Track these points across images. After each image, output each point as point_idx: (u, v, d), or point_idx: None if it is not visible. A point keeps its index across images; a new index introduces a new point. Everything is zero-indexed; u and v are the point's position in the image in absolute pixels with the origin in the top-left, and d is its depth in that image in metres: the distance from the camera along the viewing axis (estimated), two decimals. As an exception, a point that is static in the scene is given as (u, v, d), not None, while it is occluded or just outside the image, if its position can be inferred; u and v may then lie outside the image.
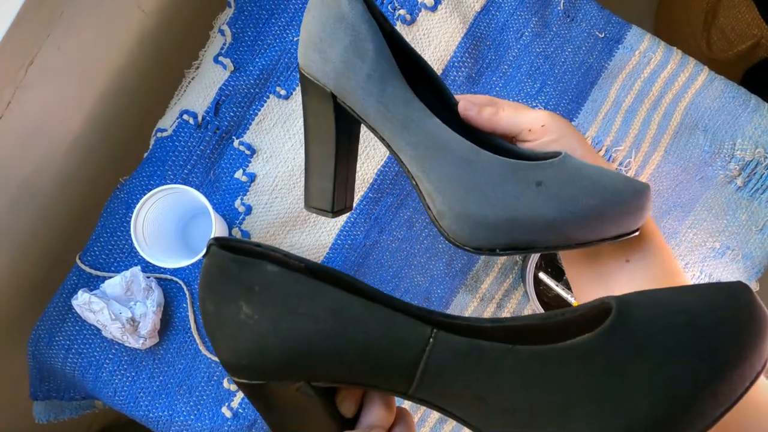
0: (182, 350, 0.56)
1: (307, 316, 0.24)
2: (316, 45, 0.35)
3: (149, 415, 0.55)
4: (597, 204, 0.32)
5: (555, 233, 0.32)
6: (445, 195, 0.34)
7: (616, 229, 0.33)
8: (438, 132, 0.34)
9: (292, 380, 0.25)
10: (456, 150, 0.34)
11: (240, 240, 0.27)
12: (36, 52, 0.44)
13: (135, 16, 0.55)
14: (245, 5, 0.57)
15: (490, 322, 0.26)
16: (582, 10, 0.58)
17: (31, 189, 0.53)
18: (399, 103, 0.35)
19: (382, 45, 0.35)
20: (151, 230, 0.50)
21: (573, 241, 0.32)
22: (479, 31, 0.58)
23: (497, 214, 0.33)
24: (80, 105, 0.54)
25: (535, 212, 0.32)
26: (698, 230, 0.58)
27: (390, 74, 0.35)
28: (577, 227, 0.32)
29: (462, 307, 0.58)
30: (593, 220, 0.32)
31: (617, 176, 0.33)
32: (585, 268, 0.37)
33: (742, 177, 0.58)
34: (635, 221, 0.33)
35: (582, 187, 0.32)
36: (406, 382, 0.24)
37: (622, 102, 0.58)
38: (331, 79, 0.36)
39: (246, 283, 0.24)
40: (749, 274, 0.58)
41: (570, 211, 0.32)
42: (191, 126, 0.56)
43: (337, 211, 0.41)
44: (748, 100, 0.58)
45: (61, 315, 0.55)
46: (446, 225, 0.34)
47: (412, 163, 0.35)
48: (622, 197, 0.32)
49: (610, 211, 0.32)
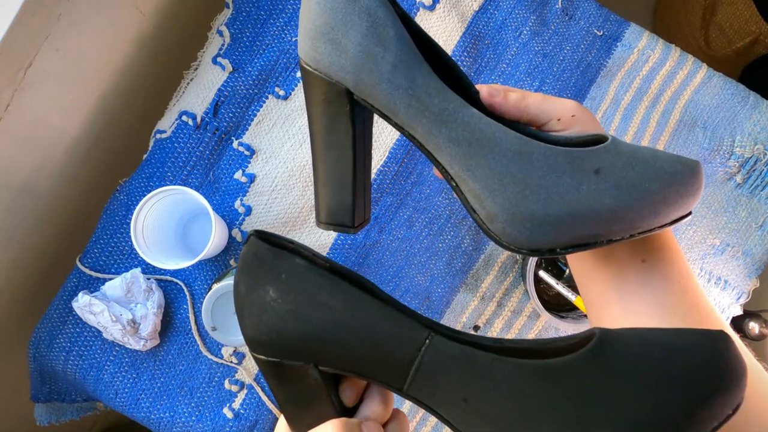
0: (183, 351, 0.56)
1: (324, 306, 0.27)
2: (327, 34, 0.30)
3: (150, 417, 0.55)
4: (660, 188, 0.29)
5: (620, 223, 0.30)
6: (497, 194, 0.30)
7: (677, 212, 0.30)
8: (481, 124, 0.31)
9: (302, 362, 0.28)
10: (504, 142, 0.30)
11: (276, 235, 0.29)
12: (34, 54, 0.44)
13: (133, 17, 0.55)
14: (243, 6, 0.57)
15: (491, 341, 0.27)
16: (580, 8, 0.58)
17: (31, 191, 0.53)
18: (433, 94, 0.30)
19: (402, 30, 0.30)
20: (151, 232, 0.50)
21: (638, 230, 0.30)
22: (478, 29, 0.58)
23: (559, 209, 0.30)
24: (79, 107, 0.54)
25: (597, 203, 0.29)
26: (698, 227, 0.58)
27: (417, 62, 0.30)
28: (642, 214, 0.30)
29: (462, 306, 0.58)
30: (658, 205, 0.30)
31: (671, 156, 0.31)
32: (600, 268, 0.36)
33: (742, 174, 0.58)
34: (693, 201, 0.31)
35: (641, 171, 0.30)
36: (401, 377, 0.27)
37: (620, 100, 0.58)
38: (348, 73, 0.31)
39: (276, 271, 0.28)
40: (749, 271, 0.58)
41: (635, 198, 0.29)
42: (190, 127, 0.56)
43: (358, 226, 0.36)
44: (747, 96, 0.58)
45: (61, 317, 0.55)
46: (499, 228, 0.31)
47: (454, 162, 0.31)
48: (682, 178, 0.30)
49: (673, 194, 0.30)
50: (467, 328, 0.58)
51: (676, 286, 0.34)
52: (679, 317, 0.33)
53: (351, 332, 0.27)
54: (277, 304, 0.27)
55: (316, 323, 0.27)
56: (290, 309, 0.27)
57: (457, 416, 0.26)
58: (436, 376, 0.26)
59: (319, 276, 0.27)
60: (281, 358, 0.28)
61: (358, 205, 0.36)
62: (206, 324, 0.52)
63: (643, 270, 0.34)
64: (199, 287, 0.56)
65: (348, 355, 0.27)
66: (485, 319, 0.58)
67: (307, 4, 0.31)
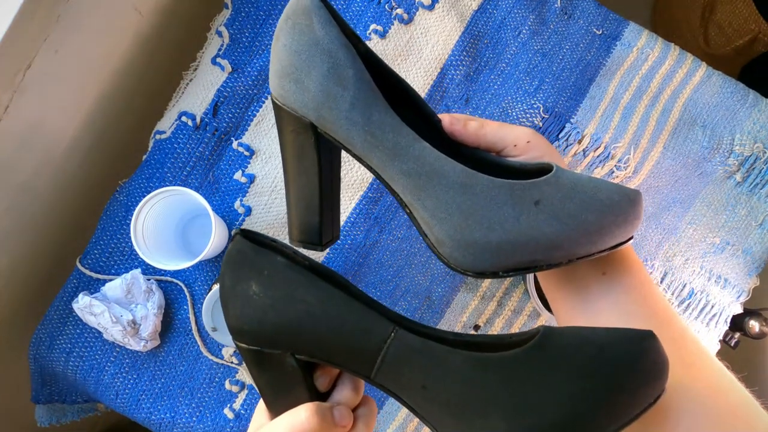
0: (184, 352, 0.56)
1: (301, 301, 0.30)
2: (291, 75, 0.33)
3: (151, 418, 0.55)
4: (596, 218, 0.32)
5: (558, 251, 0.32)
6: (444, 222, 0.33)
7: (615, 240, 0.33)
8: (430, 157, 0.33)
9: (281, 350, 0.31)
10: (450, 175, 0.33)
11: (260, 234, 0.32)
12: (34, 55, 0.44)
13: (132, 18, 0.55)
14: (242, 6, 0.57)
15: (453, 335, 0.30)
16: (579, 7, 0.58)
17: (30, 192, 0.53)
18: (387, 130, 0.33)
19: (362, 70, 0.33)
20: (150, 232, 0.50)
21: (576, 255, 0.32)
22: (477, 29, 0.58)
23: (500, 237, 0.32)
24: (78, 108, 0.54)
25: (536, 232, 0.32)
26: (698, 226, 0.58)
27: (373, 100, 0.33)
28: (579, 242, 0.32)
29: (463, 306, 0.58)
30: (594, 235, 0.32)
31: (611, 187, 0.33)
32: (564, 283, 0.38)
33: (741, 172, 0.58)
34: (631, 229, 0.33)
35: (580, 201, 0.32)
36: (369, 366, 0.30)
37: (620, 98, 0.58)
38: (311, 110, 0.34)
39: (258, 267, 0.30)
40: (749, 269, 0.58)
41: (571, 227, 0.32)
42: (190, 128, 0.56)
43: (326, 243, 0.39)
44: (747, 95, 0.58)
45: (61, 318, 0.55)
46: (446, 252, 0.34)
47: (406, 192, 0.34)
48: (619, 209, 0.32)
49: (609, 224, 0.32)
50: (468, 327, 0.58)
51: (635, 294, 0.36)
52: (640, 324, 0.34)
53: (324, 324, 0.30)
54: (258, 297, 0.30)
55: (292, 315, 0.30)
56: (270, 302, 0.30)
57: (417, 402, 0.29)
58: (399, 366, 0.29)
59: (297, 273, 0.30)
60: (261, 347, 0.31)
61: (325, 225, 0.39)
62: (206, 324, 0.52)
63: (604, 282, 0.36)
64: (200, 288, 0.56)
65: (321, 345, 0.30)
66: (485, 319, 0.58)
67: (275, 45, 0.34)
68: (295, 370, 0.31)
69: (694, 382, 0.32)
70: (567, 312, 0.39)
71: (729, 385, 0.33)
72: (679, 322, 0.36)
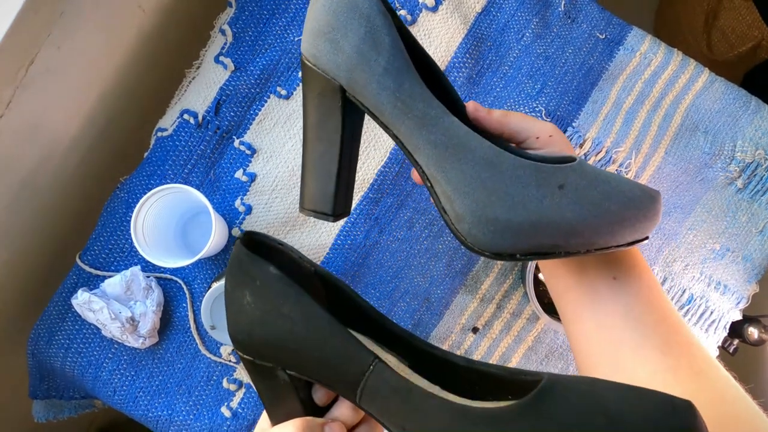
0: (182, 350, 0.56)
1: (287, 317, 0.29)
2: (327, 34, 0.33)
3: (148, 415, 0.55)
4: (618, 209, 0.32)
5: (578, 237, 0.32)
6: (466, 197, 0.32)
7: (633, 235, 0.33)
8: (459, 131, 0.33)
9: (271, 363, 0.30)
10: (478, 150, 0.33)
11: (267, 237, 0.31)
12: (36, 51, 0.44)
13: (135, 15, 0.55)
14: (246, 5, 0.57)
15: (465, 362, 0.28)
16: (583, 11, 0.58)
17: (31, 188, 0.53)
18: (418, 99, 0.33)
19: (397, 39, 0.33)
20: (151, 230, 0.50)
21: (594, 246, 0.32)
22: (480, 31, 0.58)
23: (522, 217, 0.31)
24: (80, 104, 0.54)
25: (558, 216, 0.31)
26: (698, 232, 0.58)
27: (406, 69, 0.33)
28: (600, 232, 0.32)
29: (462, 308, 0.58)
30: (615, 225, 0.32)
31: (632, 183, 0.33)
32: (573, 286, 0.38)
33: (743, 179, 0.58)
34: (650, 227, 0.33)
35: (603, 191, 0.32)
36: (353, 391, 0.28)
37: (622, 103, 0.58)
38: (343, 71, 0.33)
39: (252, 276, 0.29)
40: (749, 276, 0.58)
41: (593, 215, 0.31)
42: (192, 126, 0.56)
43: (338, 215, 0.39)
44: (749, 101, 0.58)
45: (60, 314, 0.55)
46: (465, 229, 0.33)
47: (430, 164, 0.33)
48: (641, 203, 0.32)
49: (630, 217, 0.32)
50: (466, 329, 0.58)
51: (645, 300, 0.36)
52: (649, 329, 0.34)
53: (307, 345, 0.29)
54: (250, 308, 0.30)
55: (278, 332, 0.29)
56: (259, 315, 0.29)
57: None
58: (378, 399, 0.28)
59: (287, 286, 0.29)
60: (253, 358, 0.30)
61: (339, 197, 0.38)
62: (205, 323, 0.52)
63: (614, 286, 0.36)
64: (199, 286, 0.56)
65: (305, 364, 0.29)
66: (484, 321, 0.58)
67: (314, 4, 0.34)
68: (287, 384, 0.31)
69: (702, 392, 0.32)
70: (575, 315, 0.38)
71: (735, 394, 0.33)
72: (687, 329, 0.36)
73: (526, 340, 0.58)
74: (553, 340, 0.59)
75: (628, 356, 0.34)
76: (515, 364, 0.58)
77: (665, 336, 0.32)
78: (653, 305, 0.36)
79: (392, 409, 0.27)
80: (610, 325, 0.35)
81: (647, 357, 0.34)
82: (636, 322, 0.35)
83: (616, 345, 0.35)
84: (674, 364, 0.33)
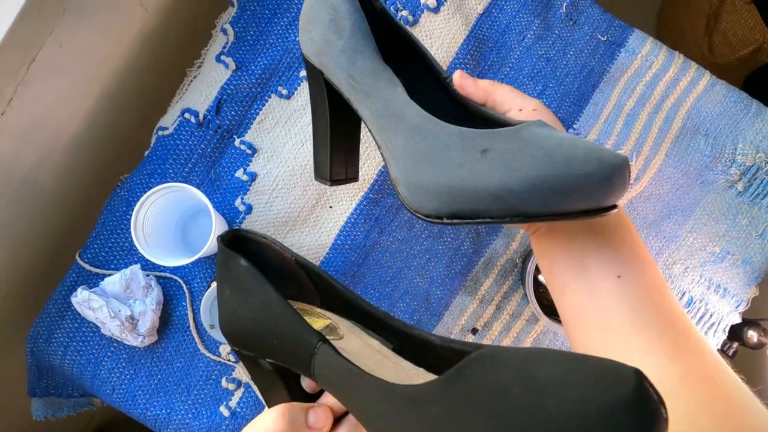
0: (181, 349, 0.56)
1: (250, 307, 0.31)
2: (305, 27, 0.39)
3: (147, 414, 0.55)
4: (545, 175, 0.29)
5: (499, 203, 0.31)
6: (398, 163, 0.35)
7: (579, 204, 0.30)
8: (394, 100, 0.35)
9: (251, 352, 0.31)
10: (409, 118, 0.34)
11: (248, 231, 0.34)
12: (38, 49, 0.44)
13: (137, 14, 0.55)
14: (248, 5, 0.57)
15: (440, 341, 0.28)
16: (584, 13, 0.58)
17: (32, 186, 0.53)
18: (366, 74, 0.36)
19: (359, 21, 0.37)
20: (151, 228, 0.50)
21: (524, 213, 0.31)
22: (481, 33, 0.58)
23: (443, 182, 0.32)
24: (82, 102, 0.54)
25: (477, 181, 0.31)
26: (698, 234, 0.58)
27: (363, 48, 0.36)
28: (525, 200, 0.30)
29: (461, 309, 0.58)
30: (545, 192, 0.30)
31: (579, 146, 0.30)
32: (573, 282, 0.36)
33: (743, 182, 0.58)
34: (603, 196, 0.30)
35: (531, 156, 0.30)
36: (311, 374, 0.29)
37: (623, 105, 0.58)
38: (314, 56, 0.39)
39: (229, 270, 0.32)
40: (749, 279, 0.58)
41: (513, 180, 0.30)
42: (192, 125, 0.56)
43: (336, 181, 0.44)
44: (750, 105, 0.58)
45: (60, 312, 0.55)
46: (401, 192, 0.35)
47: (375, 132, 0.36)
48: (580, 168, 0.29)
49: (565, 183, 0.29)
50: (465, 330, 0.58)
51: (651, 301, 0.34)
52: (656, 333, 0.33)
53: (267, 331, 0.30)
54: (230, 301, 0.32)
55: (246, 322, 0.31)
56: (234, 307, 0.31)
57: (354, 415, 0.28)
58: (327, 380, 0.29)
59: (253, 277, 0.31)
60: (239, 348, 0.32)
61: (336, 164, 0.44)
62: (204, 322, 0.52)
63: (619, 285, 0.34)
64: (198, 285, 0.56)
65: (271, 350, 0.31)
66: (484, 322, 0.58)
67: (304, 4, 0.40)
68: (271, 372, 0.31)
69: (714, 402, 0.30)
70: (574, 317, 0.36)
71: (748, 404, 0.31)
72: (695, 331, 0.34)
73: (525, 341, 0.58)
74: (552, 342, 0.59)
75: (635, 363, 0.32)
76: (514, 365, 0.58)
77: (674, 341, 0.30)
78: (661, 306, 0.34)
79: (338, 389, 0.28)
80: (614, 328, 0.34)
81: (655, 364, 0.32)
82: (643, 325, 0.33)
83: (621, 350, 0.33)
84: (683, 372, 0.31)
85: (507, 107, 0.38)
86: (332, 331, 0.34)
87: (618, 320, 0.34)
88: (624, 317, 0.33)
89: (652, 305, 0.34)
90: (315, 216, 0.57)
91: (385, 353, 0.32)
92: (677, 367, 0.31)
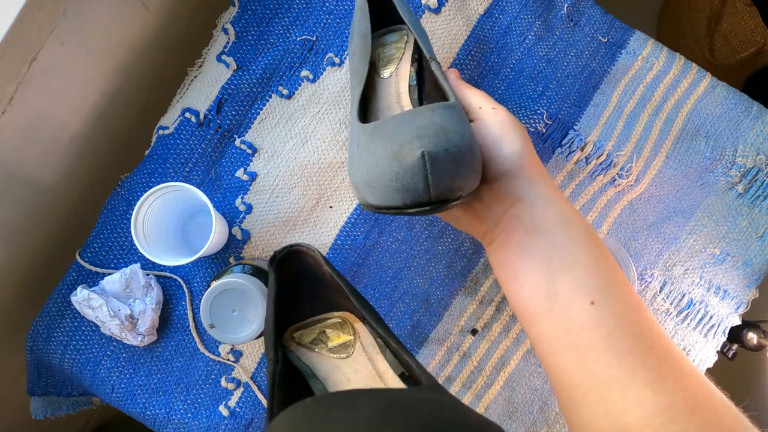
0: (180, 348, 0.56)
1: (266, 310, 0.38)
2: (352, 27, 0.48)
3: (146, 413, 0.55)
4: (388, 167, 0.31)
5: (368, 191, 0.33)
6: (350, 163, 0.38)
7: (404, 198, 0.32)
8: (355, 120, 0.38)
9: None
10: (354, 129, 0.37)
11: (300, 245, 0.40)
12: (39, 48, 0.44)
13: (139, 13, 0.55)
14: (249, 4, 0.57)
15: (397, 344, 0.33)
16: (585, 14, 0.58)
17: (32, 185, 0.53)
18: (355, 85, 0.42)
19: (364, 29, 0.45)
20: (151, 228, 0.50)
21: (391, 204, 0.32)
22: (482, 33, 0.58)
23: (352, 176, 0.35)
24: (82, 101, 0.54)
25: (352, 173, 0.35)
26: (698, 236, 0.58)
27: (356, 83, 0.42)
28: (373, 192, 0.33)
29: (461, 309, 0.58)
30: (386, 187, 0.31)
31: (403, 138, 0.31)
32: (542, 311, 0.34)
33: (743, 184, 0.58)
34: (452, 182, 0.31)
35: (374, 146, 0.32)
36: None
37: (624, 107, 0.58)
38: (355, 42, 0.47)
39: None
40: (749, 281, 0.58)
41: (369, 171, 0.33)
42: (193, 124, 0.56)
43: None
44: (750, 107, 0.58)
45: (59, 311, 0.55)
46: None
47: None
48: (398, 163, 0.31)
49: (391, 179, 0.31)
50: (465, 331, 0.58)
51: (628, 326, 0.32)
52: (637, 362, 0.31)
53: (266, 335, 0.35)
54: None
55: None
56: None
57: None
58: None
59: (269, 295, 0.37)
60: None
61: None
62: (204, 321, 0.52)
63: (593, 312, 0.32)
64: (198, 284, 0.56)
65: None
66: (483, 323, 0.58)
67: None
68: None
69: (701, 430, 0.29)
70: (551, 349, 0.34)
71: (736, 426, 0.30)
72: (678, 353, 0.32)
73: (525, 342, 0.58)
74: (552, 343, 0.59)
75: (616, 398, 0.31)
76: (514, 366, 0.58)
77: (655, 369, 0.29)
78: (639, 330, 0.32)
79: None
80: (592, 360, 0.32)
81: (638, 398, 0.30)
82: (621, 355, 0.31)
83: (600, 384, 0.31)
84: (668, 403, 0.30)
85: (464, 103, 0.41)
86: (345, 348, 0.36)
87: (595, 352, 0.32)
88: (601, 348, 0.32)
89: (630, 331, 0.32)
90: (315, 216, 0.57)
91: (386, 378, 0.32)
92: (661, 397, 0.30)
